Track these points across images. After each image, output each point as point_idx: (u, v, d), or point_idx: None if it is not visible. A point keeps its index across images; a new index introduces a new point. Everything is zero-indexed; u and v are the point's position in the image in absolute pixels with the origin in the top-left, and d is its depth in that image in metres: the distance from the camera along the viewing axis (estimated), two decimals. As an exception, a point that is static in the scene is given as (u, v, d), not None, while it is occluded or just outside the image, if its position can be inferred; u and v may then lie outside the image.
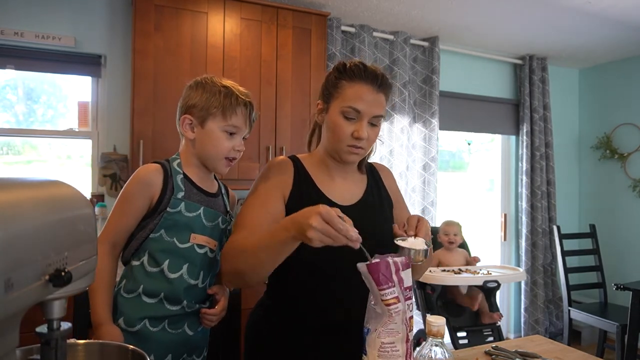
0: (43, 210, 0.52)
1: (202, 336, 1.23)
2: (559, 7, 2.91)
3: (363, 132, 1.09)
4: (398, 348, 0.87)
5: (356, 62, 1.12)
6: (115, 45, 2.60)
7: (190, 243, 1.15)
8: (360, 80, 1.09)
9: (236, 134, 1.19)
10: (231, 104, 1.17)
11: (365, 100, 1.08)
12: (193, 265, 1.15)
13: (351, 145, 1.11)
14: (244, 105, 1.19)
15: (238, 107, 1.18)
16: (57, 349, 0.58)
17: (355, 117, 1.09)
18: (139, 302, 1.12)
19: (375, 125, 1.13)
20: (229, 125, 1.17)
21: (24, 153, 2.64)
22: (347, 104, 1.09)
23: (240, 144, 1.21)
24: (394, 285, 0.87)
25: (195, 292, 1.17)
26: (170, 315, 1.13)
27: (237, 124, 1.18)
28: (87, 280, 0.61)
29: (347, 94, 1.09)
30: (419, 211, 3.36)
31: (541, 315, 3.79)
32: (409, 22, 3.18)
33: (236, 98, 1.18)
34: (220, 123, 1.17)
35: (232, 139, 1.19)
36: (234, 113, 1.17)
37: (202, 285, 1.18)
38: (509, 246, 4.00)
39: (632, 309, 2.65)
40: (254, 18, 2.60)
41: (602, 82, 4.11)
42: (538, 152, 3.82)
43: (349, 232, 0.84)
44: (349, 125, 1.09)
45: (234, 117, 1.17)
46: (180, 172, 1.18)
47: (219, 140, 1.17)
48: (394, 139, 3.28)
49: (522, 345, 1.23)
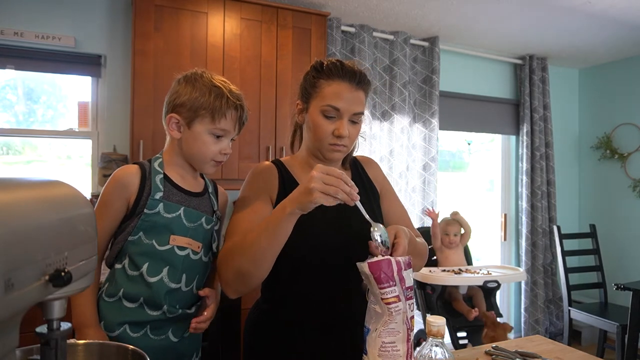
0: (43, 210, 0.52)
1: (189, 342, 1.18)
2: (559, 7, 2.91)
3: (344, 130, 1.08)
4: (399, 347, 0.87)
5: (333, 60, 1.13)
6: (115, 45, 2.60)
7: (169, 245, 1.10)
8: (338, 79, 1.09)
9: (224, 137, 1.14)
10: (221, 106, 1.11)
11: (344, 98, 1.08)
12: (174, 268, 1.10)
13: (333, 144, 1.10)
14: (235, 108, 1.13)
15: (228, 110, 1.12)
16: (57, 349, 0.58)
17: (335, 115, 1.09)
18: (119, 306, 1.09)
19: (355, 123, 1.12)
20: (217, 128, 1.12)
21: (24, 153, 2.64)
22: (326, 102, 1.09)
23: (227, 147, 1.15)
24: (394, 285, 0.87)
25: (178, 296, 1.12)
26: (151, 320, 1.09)
27: (226, 128, 1.13)
28: (87, 280, 0.61)
29: (325, 93, 1.09)
30: (419, 211, 3.36)
31: (541, 315, 3.79)
32: (409, 22, 3.18)
33: (227, 100, 1.11)
34: (208, 126, 1.11)
35: (220, 142, 1.14)
36: (223, 117, 1.11)
37: (186, 289, 1.13)
38: (509, 246, 4.00)
39: (632, 309, 2.65)
40: (254, 18, 2.60)
41: (602, 82, 4.11)
42: (538, 152, 3.82)
43: (349, 182, 0.89)
44: (330, 124, 1.09)
45: (223, 121, 1.12)
46: (161, 172, 1.14)
47: (205, 143, 1.12)
48: (394, 139, 3.28)
49: (522, 345, 1.23)
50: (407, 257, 0.92)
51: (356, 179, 1.24)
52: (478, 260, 3.43)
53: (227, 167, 2.52)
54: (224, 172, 2.51)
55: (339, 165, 1.24)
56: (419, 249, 1.14)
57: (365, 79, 1.12)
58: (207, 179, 1.27)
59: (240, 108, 1.15)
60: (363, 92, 1.12)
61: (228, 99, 1.12)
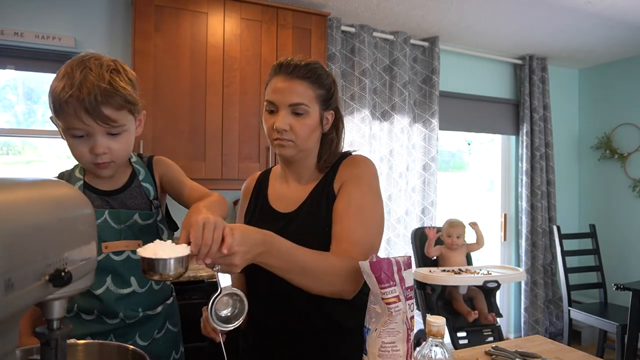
0: (43, 210, 0.52)
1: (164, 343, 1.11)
2: (559, 7, 2.91)
3: (280, 123, 1.05)
4: (399, 348, 0.87)
5: (281, 59, 1.12)
6: (115, 46, 2.60)
7: (104, 254, 1.01)
8: (274, 75, 1.10)
9: (87, 136, 0.96)
10: (59, 103, 0.92)
11: (277, 91, 1.07)
12: (117, 274, 1.03)
13: (276, 139, 1.08)
14: (72, 98, 0.90)
15: (64, 105, 0.91)
16: (57, 349, 0.58)
17: (274, 109, 1.08)
18: (78, 320, 1.04)
19: (300, 114, 1.06)
20: (69, 128, 0.95)
21: (24, 153, 2.64)
22: (266, 98, 1.10)
23: (96, 145, 0.95)
24: (395, 284, 0.87)
25: (135, 300, 1.05)
26: (113, 329, 1.04)
27: (74, 126, 0.93)
28: (87, 280, 0.61)
29: (267, 90, 1.11)
30: (419, 211, 3.36)
31: (541, 315, 3.79)
32: (409, 22, 3.18)
33: (62, 92, 0.91)
34: (63, 126, 0.96)
35: (85, 142, 0.96)
36: (64, 114, 0.93)
37: (142, 290, 1.06)
38: (509, 246, 4.00)
39: (632, 309, 2.65)
40: (254, 18, 2.60)
41: (602, 82, 4.11)
42: (538, 152, 3.82)
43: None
44: (271, 119, 1.08)
45: (68, 119, 0.93)
46: (81, 178, 1.06)
47: (70, 146, 0.98)
48: (394, 139, 3.28)
49: (522, 345, 1.23)
50: (407, 257, 0.92)
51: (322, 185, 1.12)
52: (478, 261, 3.42)
53: (227, 167, 2.52)
54: (224, 172, 2.51)
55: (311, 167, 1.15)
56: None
57: (303, 69, 1.06)
58: (136, 163, 1.12)
59: (83, 98, 0.90)
60: (303, 83, 1.06)
61: (64, 89, 0.91)
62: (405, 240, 3.24)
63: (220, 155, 2.51)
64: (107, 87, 0.93)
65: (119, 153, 1.00)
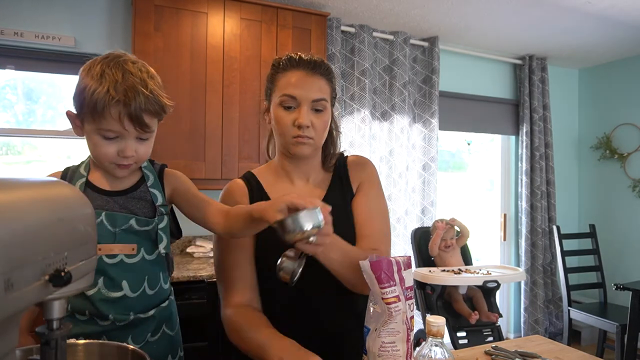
0: (43, 210, 0.52)
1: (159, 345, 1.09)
2: (559, 7, 2.91)
3: (304, 119, 1.02)
4: (399, 347, 0.87)
5: (289, 54, 1.09)
6: (115, 46, 2.57)
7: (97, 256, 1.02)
8: (291, 68, 1.05)
9: (119, 138, 0.96)
10: (102, 105, 0.92)
11: (300, 85, 1.03)
12: (109, 277, 1.01)
13: (296, 136, 1.04)
14: (119, 104, 0.92)
15: (107, 108, 0.92)
16: (57, 349, 0.58)
17: (294, 105, 1.03)
18: (73, 320, 1.02)
19: (320, 111, 1.05)
20: (101, 129, 0.95)
21: (24, 153, 2.64)
22: (282, 92, 1.04)
23: (127, 148, 0.97)
24: (395, 284, 0.87)
25: (126, 304, 1.03)
26: (106, 330, 1.02)
27: (111, 128, 0.94)
28: (87, 280, 0.61)
29: (282, 84, 1.05)
30: (419, 211, 3.36)
31: (541, 315, 3.79)
32: (408, 22, 3.18)
33: (107, 95, 0.91)
34: (92, 125, 0.96)
35: (115, 144, 0.97)
36: (102, 116, 0.92)
37: (134, 294, 1.04)
38: (509, 246, 4.00)
39: (632, 309, 2.65)
40: (254, 18, 2.60)
41: (601, 82, 4.11)
42: (538, 152, 3.82)
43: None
44: (289, 115, 1.04)
45: (104, 121, 0.93)
46: (84, 175, 1.05)
47: (96, 145, 0.98)
48: (394, 139, 3.28)
49: (522, 345, 1.23)
50: (407, 257, 0.92)
51: (336, 183, 1.16)
52: (478, 261, 3.43)
53: (227, 167, 2.52)
54: (223, 172, 2.51)
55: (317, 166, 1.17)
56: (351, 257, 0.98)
57: (323, 66, 1.07)
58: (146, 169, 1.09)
59: (125, 103, 0.92)
60: (323, 79, 1.06)
61: (108, 92, 0.91)
62: (405, 240, 3.24)
63: (220, 155, 2.51)
64: (149, 95, 0.95)
65: (143, 156, 1.02)
